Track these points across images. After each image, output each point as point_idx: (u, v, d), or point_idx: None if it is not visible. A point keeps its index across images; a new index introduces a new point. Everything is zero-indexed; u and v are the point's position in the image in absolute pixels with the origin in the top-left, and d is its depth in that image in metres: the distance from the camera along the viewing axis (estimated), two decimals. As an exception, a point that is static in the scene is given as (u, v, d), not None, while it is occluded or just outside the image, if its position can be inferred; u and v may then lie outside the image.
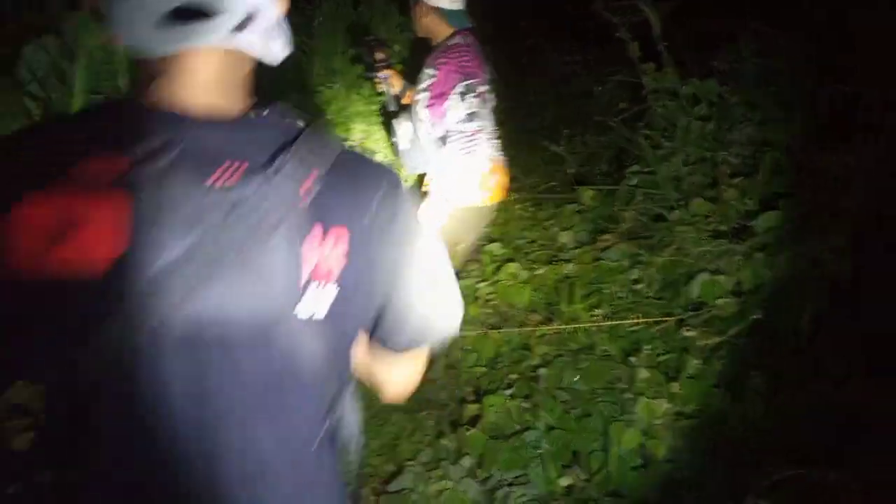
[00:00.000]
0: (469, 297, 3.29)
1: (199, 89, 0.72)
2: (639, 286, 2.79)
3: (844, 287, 2.20)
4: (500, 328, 3.02)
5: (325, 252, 0.72)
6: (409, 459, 2.61)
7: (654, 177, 3.17)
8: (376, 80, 2.90)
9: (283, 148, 0.71)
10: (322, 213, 0.72)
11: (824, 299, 2.25)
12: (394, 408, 3.01)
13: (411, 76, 2.80)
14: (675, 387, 2.39)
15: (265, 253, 0.68)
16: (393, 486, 2.49)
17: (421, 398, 3.04)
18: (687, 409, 2.34)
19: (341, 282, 0.74)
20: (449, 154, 2.70)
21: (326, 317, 0.73)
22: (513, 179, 3.17)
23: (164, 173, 0.65)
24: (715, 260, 2.62)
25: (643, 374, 2.47)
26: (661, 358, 2.52)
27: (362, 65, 3.12)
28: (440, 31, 2.69)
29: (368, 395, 1.07)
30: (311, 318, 0.71)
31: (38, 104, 2.72)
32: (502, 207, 3.83)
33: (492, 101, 2.89)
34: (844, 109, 2.66)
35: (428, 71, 2.64)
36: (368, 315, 0.83)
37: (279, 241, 0.69)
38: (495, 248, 3.57)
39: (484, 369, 2.90)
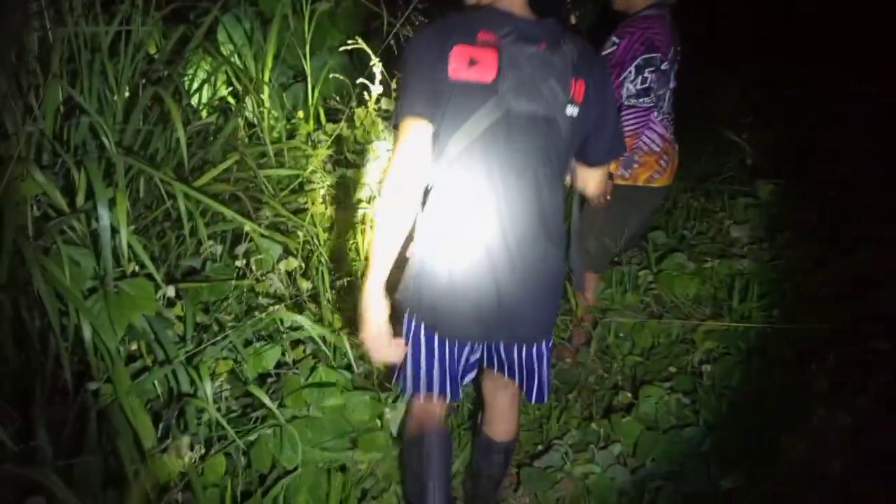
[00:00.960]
0: (628, 283, 3.19)
1: (518, 3, 1.50)
2: (823, 290, 2.57)
3: None
4: (659, 318, 2.91)
5: (576, 89, 1.50)
6: (557, 438, 2.59)
7: (849, 174, 2.89)
8: None
9: (558, 36, 1.48)
10: (576, 70, 1.49)
11: None
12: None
13: (597, 45, 2.73)
14: (859, 402, 2.18)
15: (555, 83, 1.47)
16: (539, 463, 2.48)
17: (569, 380, 3.01)
18: (870, 428, 2.13)
19: (581, 105, 1.52)
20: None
21: (575, 118, 1.52)
22: (681, 166, 3.02)
23: (512, 43, 1.43)
24: (919, 269, 2.35)
25: (822, 383, 2.28)
26: (845, 369, 2.31)
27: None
28: (637, 1, 2.61)
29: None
30: (570, 116, 1.51)
31: (232, 69, 2.94)
32: (669, 194, 3.67)
33: (674, 80, 2.76)
34: None
35: (612, 38, 2.57)
36: (587, 128, 1.58)
37: (560, 78, 1.47)
38: (659, 236, 3.43)
39: (639, 358, 2.81)
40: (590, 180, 1.78)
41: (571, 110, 1.50)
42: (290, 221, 2.47)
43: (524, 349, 1.73)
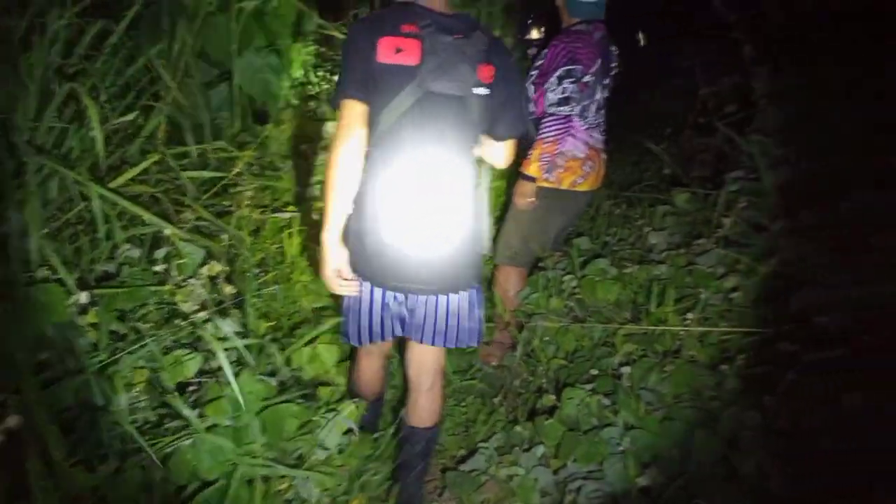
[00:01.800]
0: (552, 288, 3.26)
1: (437, 0, 1.78)
2: (735, 294, 2.70)
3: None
4: (582, 322, 2.99)
5: (485, 72, 1.77)
6: (482, 442, 2.62)
7: (759, 184, 3.06)
8: (529, 54, 2.98)
9: (471, 28, 1.77)
10: (486, 57, 1.76)
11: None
12: (468, 391, 3.04)
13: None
14: (767, 400, 2.30)
15: (467, 67, 1.73)
16: (464, 466, 2.51)
17: (495, 384, 3.05)
18: (780, 426, 2.25)
19: (489, 86, 1.79)
20: (539, 134, 2.72)
21: (484, 97, 1.79)
22: (605, 175, 3.12)
23: (432, 33, 1.69)
24: (823, 274, 2.50)
25: (733, 383, 2.40)
26: (754, 370, 2.43)
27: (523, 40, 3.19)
28: (564, 17, 2.72)
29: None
30: (479, 94, 1.78)
31: (154, 65, 2.85)
32: (593, 199, 3.76)
33: (602, 92, 2.86)
34: None
35: (543, 51, 2.68)
36: (495, 107, 1.85)
37: (472, 63, 1.74)
38: (583, 242, 3.52)
39: (563, 361, 2.87)
40: (497, 153, 2.04)
41: (481, 90, 1.78)
42: (214, 225, 2.42)
43: (447, 298, 1.95)
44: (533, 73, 2.75)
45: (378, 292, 1.91)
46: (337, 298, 2.05)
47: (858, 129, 2.86)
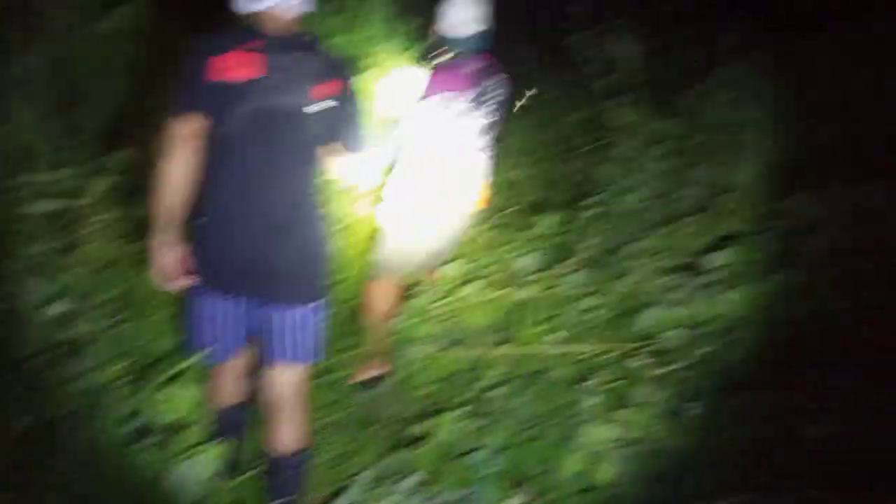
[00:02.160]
0: (421, 316, 3.29)
1: (279, 19, 1.79)
2: (593, 315, 2.86)
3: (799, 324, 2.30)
4: (455, 347, 3.04)
5: (327, 89, 1.84)
6: (357, 475, 2.59)
7: (611, 209, 3.27)
8: None
9: (312, 47, 1.86)
10: (327, 74, 1.85)
11: (774, 334, 2.35)
12: (341, 424, 2.99)
13: None
14: (621, 414, 2.44)
15: (308, 83, 1.81)
16: (339, 502, 2.46)
17: (368, 415, 3.02)
18: (632, 437, 2.39)
19: (330, 101, 1.85)
20: (405, 158, 2.78)
21: (324, 112, 1.84)
22: (487, 199, 3.19)
23: (273, 51, 1.76)
24: (667, 293, 2.71)
25: (591, 400, 2.53)
26: (610, 385, 2.58)
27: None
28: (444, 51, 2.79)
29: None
30: (320, 110, 1.83)
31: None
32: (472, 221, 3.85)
33: (483, 118, 2.93)
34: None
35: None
36: (339, 120, 1.91)
37: (313, 80, 1.82)
38: (450, 268, 3.59)
39: (434, 388, 2.91)
40: (350, 166, 2.09)
41: (322, 105, 1.84)
42: (59, 261, 2.26)
43: (292, 312, 1.94)
44: (410, 102, 2.79)
45: (220, 302, 1.91)
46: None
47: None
